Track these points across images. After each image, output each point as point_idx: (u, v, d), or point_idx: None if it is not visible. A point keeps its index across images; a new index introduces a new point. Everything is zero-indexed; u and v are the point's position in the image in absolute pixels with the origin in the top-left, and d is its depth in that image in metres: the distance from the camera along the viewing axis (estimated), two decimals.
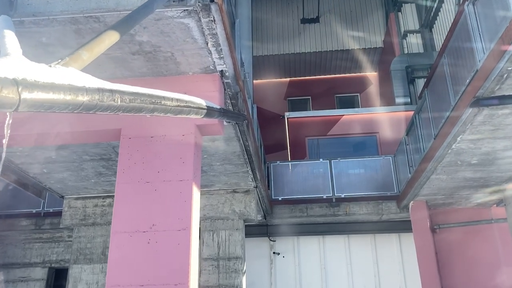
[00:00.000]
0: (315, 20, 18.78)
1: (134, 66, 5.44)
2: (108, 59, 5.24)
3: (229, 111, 5.30)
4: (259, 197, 10.19)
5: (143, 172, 5.19)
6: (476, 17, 5.82)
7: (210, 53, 5.18)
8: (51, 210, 12.08)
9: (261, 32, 18.84)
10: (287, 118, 14.57)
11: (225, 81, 5.73)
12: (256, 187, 9.56)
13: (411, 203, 11.04)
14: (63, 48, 4.85)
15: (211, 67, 5.50)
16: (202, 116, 3.50)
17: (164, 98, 2.98)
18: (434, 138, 8.43)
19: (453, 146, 7.77)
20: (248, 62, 11.71)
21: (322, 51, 18.18)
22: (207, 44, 5.00)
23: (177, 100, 3.04)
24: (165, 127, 5.41)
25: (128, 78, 5.69)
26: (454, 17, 12.70)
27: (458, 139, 7.45)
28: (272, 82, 19.59)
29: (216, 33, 4.80)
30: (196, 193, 5.25)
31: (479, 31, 5.71)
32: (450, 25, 13.21)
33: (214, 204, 9.55)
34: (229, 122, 6.79)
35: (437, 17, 14.78)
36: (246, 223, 9.73)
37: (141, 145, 5.35)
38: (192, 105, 3.26)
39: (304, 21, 18.82)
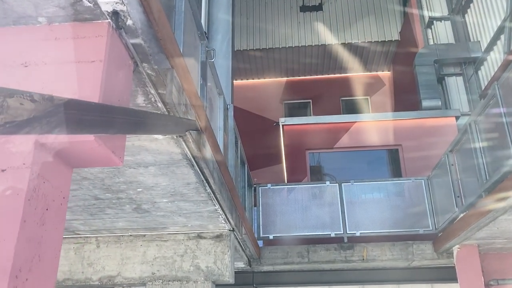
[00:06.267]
0: (317, 8, 15.60)
1: None
2: None
3: (114, 108, 1.99)
4: (238, 242, 6.94)
5: None
6: None
7: None
8: None
9: (252, 22, 15.62)
10: (283, 125, 11.29)
11: (131, 41, 2.50)
12: (233, 230, 6.30)
13: (456, 247, 7.82)
14: None
15: (88, 4, 2.27)
16: None
17: None
18: None
19: None
20: (225, 50, 8.51)
21: (326, 45, 14.98)
22: None
23: None
24: None
25: None
26: None
27: None
28: (265, 82, 16.35)
29: None
30: None
31: None
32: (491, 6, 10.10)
33: (168, 257, 6.26)
34: (166, 136, 3.57)
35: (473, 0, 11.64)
36: (217, 284, 6.45)
37: None
38: None
39: (304, 9, 15.63)
